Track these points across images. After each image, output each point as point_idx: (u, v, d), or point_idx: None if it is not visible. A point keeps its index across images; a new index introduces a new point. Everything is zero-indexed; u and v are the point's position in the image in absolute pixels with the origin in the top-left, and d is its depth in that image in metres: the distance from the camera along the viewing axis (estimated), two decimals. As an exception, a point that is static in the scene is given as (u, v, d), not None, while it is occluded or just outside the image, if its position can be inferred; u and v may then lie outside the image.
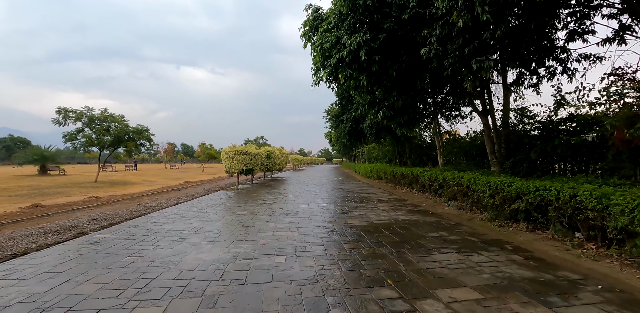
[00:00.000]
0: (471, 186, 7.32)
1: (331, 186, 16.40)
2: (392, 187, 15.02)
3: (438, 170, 10.06)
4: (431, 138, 14.36)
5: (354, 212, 8.43)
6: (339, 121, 17.75)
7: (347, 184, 17.37)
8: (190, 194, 13.90)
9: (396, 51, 7.59)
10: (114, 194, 14.69)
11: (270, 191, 14.33)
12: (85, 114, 18.96)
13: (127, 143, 20.55)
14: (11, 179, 20.70)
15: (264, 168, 18.97)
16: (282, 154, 22.61)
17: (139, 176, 28.19)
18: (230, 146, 15.19)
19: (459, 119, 12.55)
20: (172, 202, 11.23)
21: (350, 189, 14.51)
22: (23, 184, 17.96)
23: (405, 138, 15.66)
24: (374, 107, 9.00)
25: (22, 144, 76.55)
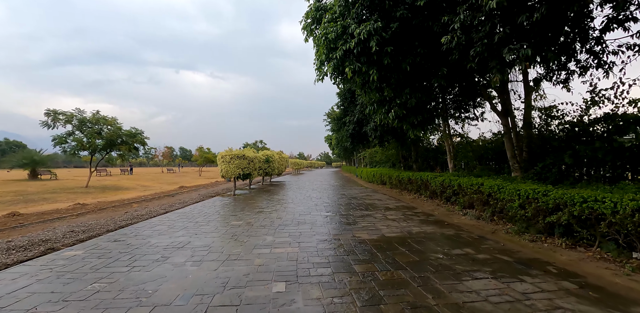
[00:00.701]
0: (494, 195, 6.51)
1: (333, 192, 15.57)
2: (398, 193, 14.20)
3: (451, 176, 9.26)
4: (440, 140, 13.60)
5: (360, 222, 7.61)
6: (340, 123, 16.98)
7: (349, 190, 16.55)
8: (183, 201, 13.06)
9: (410, 42, 6.78)
10: (103, 201, 13.84)
11: (269, 197, 13.50)
12: (75, 117, 18.15)
13: (120, 147, 19.72)
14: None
15: (263, 172, 18.14)
16: (282, 158, 21.81)
17: (134, 180, 27.32)
18: (227, 149, 14.38)
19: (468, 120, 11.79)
20: (162, 210, 10.40)
21: (353, 196, 13.68)
22: (8, 189, 17.09)
23: (412, 141, 14.88)
24: (384, 106, 8.18)
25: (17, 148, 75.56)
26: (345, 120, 15.35)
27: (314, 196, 13.60)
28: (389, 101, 8.10)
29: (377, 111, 8.42)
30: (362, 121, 14.55)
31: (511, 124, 7.88)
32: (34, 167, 23.74)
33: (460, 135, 11.03)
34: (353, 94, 15.47)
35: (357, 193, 14.73)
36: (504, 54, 4.81)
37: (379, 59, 6.71)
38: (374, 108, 8.48)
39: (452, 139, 11.28)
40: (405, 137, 15.97)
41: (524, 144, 7.61)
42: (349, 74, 6.65)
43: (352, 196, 13.64)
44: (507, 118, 7.86)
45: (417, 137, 15.30)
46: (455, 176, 9.19)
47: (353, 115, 14.72)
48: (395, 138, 15.26)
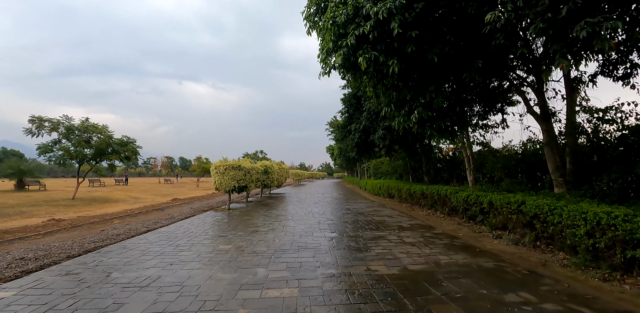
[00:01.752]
0: (542, 217, 5.25)
1: (337, 206, 14.27)
2: (409, 208, 12.88)
3: (477, 191, 8.00)
4: (456, 150, 12.38)
5: (373, 247, 6.31)
6: (345, 131, 15.78)
7: (354, 204, 15.24)
8: (172, 216, 11.78)
9: (437, 28, 5.62)
10: (84, 216, 12.56)
11: (267, 212, 12.20)
12: (62, 124, 17.03)
13: (110, 156, 18.53)
14: (-21, 195, 18.59)
15: (261, 184, 16.87)
16: (282, 169, 20.56)
17: (127, 192, 26.05)
18: (221, 159, 13.16)
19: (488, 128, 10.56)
20: (143, 228, 9.13)
21: (359, 211, 12.37)
22: (-13, 202, 15.85)
23: (422, 151, 13.65)
24: (404, 107, 6.93)
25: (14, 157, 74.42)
26: (350, 128, 14.16)
27: (317, 212, 12.30)
28: (409, 101, 6.88)
29: (395, 113, 7.16)
30: (368, 129, 13.36)
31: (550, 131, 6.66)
32: (21, 177, 22.54)
33: (483, 144, 9.81)
34: (359, 100, 14.35)
35: (363, 208, 13.42)
36: (575, 32, 3.65)
37: (401, 47, 5.53)
38: (390, 109, 7.20)
39: (472, 148, 10.04)
40: (414, 147, 14.77)
41: (569, 155, 6.37)
42: (363, 65, 5.45)
43: (358, 211, 12.33)
44: (548, 123, 6.64)
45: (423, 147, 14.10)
46: (481, 191, 7.92)
47: (359, 123, 13.53)
48: (404, 147, 14.04)
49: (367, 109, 12.60)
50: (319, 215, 11.43)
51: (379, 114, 12.48)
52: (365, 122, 12.77)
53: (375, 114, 12.31)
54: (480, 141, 9.60)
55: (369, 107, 12.18)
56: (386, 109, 7.21)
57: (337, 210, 12.74)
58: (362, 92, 13.38)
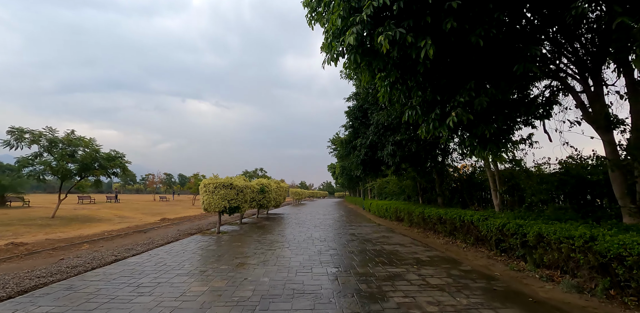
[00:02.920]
0: (630, 260, 3.80)
1: (340, 230, 12.73)
2: (422, 234, 11.35)
3: (513, 218, 6.56)
4: (477, 168, 10.99)
5: (391, 293, 4.83)
6: (349, 148, 14.44)
7: (359, 227, 13.69)
8: (152, 240, 10.30)
9: (480, 4, 4.41)
10: (52, 238, 11.07)
11: (261, 237, 10.69)
12: (44, 136, 15.84)
13: (95, 172, 17.19)
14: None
15: (256, 204, 15.39)
16: (280, 188, 19.12)
17: (116, 210, 24.51)
18: (211, 176, 11.80)
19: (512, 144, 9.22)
20: (111, 257, 7.68)
21: (366, 237, 10.84)
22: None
23: (436, 170, 12.26)
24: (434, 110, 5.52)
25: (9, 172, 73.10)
26: (355, 143, 12.82)
27: (317, 237, 10.78)
28: (440, 102, 5.52)
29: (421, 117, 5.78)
30: (376, 144, 12.03)
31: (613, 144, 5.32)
32: (2, 193, 21.13)
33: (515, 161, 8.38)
34: (365, 112, 13.12)
35: (369, 233, 11.88)
36: None
37: (435, 24, 4.24)
38: (416, 113, 5.78)
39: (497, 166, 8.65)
40: (425, 165, 13.40)
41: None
42: (385, 46, 4.10)
43: (364, 237, 10.81)
44: (610, 134, 5.33)
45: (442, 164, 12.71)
46: (519, 218, 6.48)
47: (365, 137, 12.23)
48: (415, 165, 12.68)
49: (374, 123, 11.34)
50: (320, 241, 9.92)
51: (388, 127, 11.22)
52: (373, 137, 11.48)
53: (384, 128, 11.05)
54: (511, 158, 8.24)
55: (377, 120, 10.93)
56: (410, 112, 5.83)
57: (341, 236, 11.22)
58: (369, 104, 12.18)
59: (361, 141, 12.14)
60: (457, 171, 12.56)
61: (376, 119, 10.81)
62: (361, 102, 12.88)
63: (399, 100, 6.43)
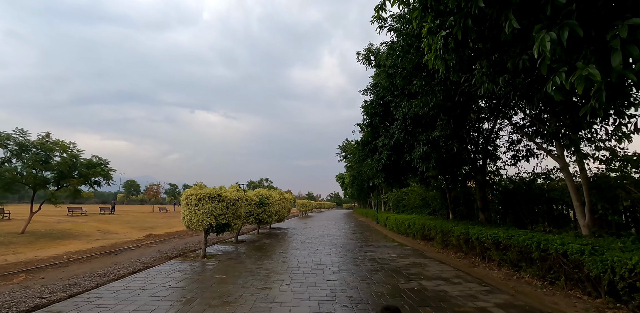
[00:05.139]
0: None
1: (356, 253, 10.19)
2: (464, 261, 8.78)
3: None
4: (544, 175, 8.39)
5: None
6: (366, 150, 11.85)
7: (379, 249, 11.12)
8: (113, 268, 7.92)
9: None
10: None
11: (255, 264, 8.22)
12: (13, 139, 13.72)
13: (71, 180, 14.95)
14: None
15: (254, 219, 12.91)
16: (284, 200, 16.64)
17: (105, 223, 22.23)
18: (195, 185, 9.44)
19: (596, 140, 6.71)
20: (36, 299, 5.30)
21: (392, 265, 8.31)
22: None
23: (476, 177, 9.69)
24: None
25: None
26: (376, 144, 10.27)
27: (328, 265, 8.28)
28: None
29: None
30: (402, 145, 9.52)
31: None
32: (-23, 204, 19.08)
33: (611, 158, 5.80)
34: (387, 106, 10.63)
35: (394, 258, 9.32)
36: None
37: None
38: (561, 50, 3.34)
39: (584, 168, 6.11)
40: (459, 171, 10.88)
41: None
42: None
43: (389, 265, 8.27)
44: None
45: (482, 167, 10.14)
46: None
47: (388, 137, 9.73)
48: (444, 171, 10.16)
49: (400, 117, 8.87)
50: (333, 272, 7.40)
51: (419, 122, 8.77)
52: (398, 135, 8.99)
53: (414, 123, 8.58)
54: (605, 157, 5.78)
55: (404, 113, 8.48)
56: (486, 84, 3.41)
57: (358, 262, 8.68)
58: (392, 95, 9.75)
59: (383, 141, 9.64)
60: (512, 180, 9.84)
61: (403, 112, 8.38)
62: (382, 93, 10.44)
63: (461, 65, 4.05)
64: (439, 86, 7.26)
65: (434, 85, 7.34)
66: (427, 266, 8.20)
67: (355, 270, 7.74)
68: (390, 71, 8.88)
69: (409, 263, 8.62)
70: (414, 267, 8.03)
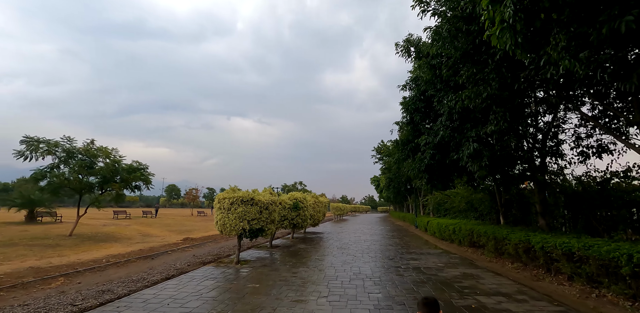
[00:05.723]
0: None
1: (397, 261, 9.40)
2: (524, 273, 7.74)
3: None
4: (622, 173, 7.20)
5: None
6: (407, 150, 10.97)
7: (421, 256, 10.24)
8: (148, 273, 7.77)
9: None
10: (38, 266, 8.98)
11: (289, 272, 7.72)
12: (61, 146, 14.38)
13: (113, 185, 15.42)
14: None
15: (289, 224, 12.49)
16: (318, 204, 16.13)
17: (145, 226, 22.95)
18: (228, 189, 9.15)
19: None
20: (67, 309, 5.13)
21: (440, 276, 7.47)
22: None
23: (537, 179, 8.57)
24: None
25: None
26: (419, 142, 9.40)
27: (368, 274, 7.60)
28: None
29: None
30: (447, 143, 8.63)
31: None
32: (32, 207, 20.32)
33: None
34: (429, 101, 9.74)
35: (441, 267, 8.44)
36: None
37: None
38: None
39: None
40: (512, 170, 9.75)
41: None
42: None
43: (437, 276, 7.43)
44: None
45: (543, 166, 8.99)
46: None
47: (432, 134, 8.86)
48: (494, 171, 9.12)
49: (446, 112, 8.03)
50: (374, 284, 6.71)
51: (467, 116, 7.88)
52: (443, 132, 8.14)
53: (461, 117, 7.69)
54: None
55: (450, 107, 7.64)
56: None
57: (401, 271, 7.91)
58: (435, 89, 8.89)
59: (426, 139, 8.78)
60: (581, 182, 8.56)
61: (449, 107, 7.55)
62: (423, 87, 9.59)
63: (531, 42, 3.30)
64: (493, 73, 6.38)
65: (487, 73, 6.47)
66: (481, 278, 7.27)
67: (399, 281, 7.00)
68: (433, 62, 8.09)
69: (459, 274, 7.72)
70: (466, 279, 7.14)
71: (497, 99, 6.60)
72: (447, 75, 7.58)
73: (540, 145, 8.45)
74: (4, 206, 21.10)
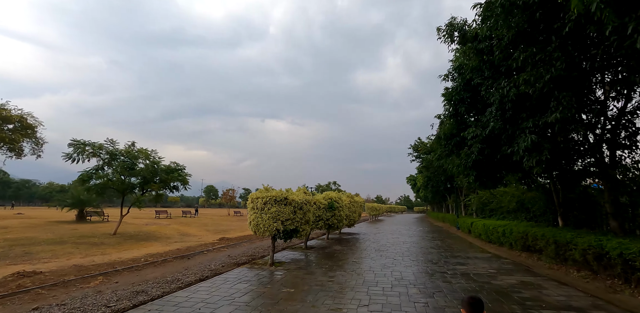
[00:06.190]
0: None
1: (442, 265, 8.64)
2: (595, 282, 6.76)
3: None
4: None
5: None
6: (450, 145, 10.00)
7: (469, 261, 9.38)
8: (183, 274, 7.64)
9: None
10: (81, 264, 9.21)
11: (326, 276, 7.25)
12: (105, 148, 14.95)
13: (152, 186, 15.83)
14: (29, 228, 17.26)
15: (324, 224, 12.05)
16: (354, 204, 15.55)
17: (184, 226, 23.56)
18: (261, 188, 8.86)
19: None
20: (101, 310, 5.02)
21: (494, 284, 6.68)
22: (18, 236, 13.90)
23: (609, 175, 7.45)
24: None
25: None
26: (465, 135, 8.47)
27: (412, 280, 6.96)
28: None
29: None
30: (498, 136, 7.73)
31: None
32: (82, 207, 21.51)
33: None
34: (475, 90, 8.82)
35: (493, 274, 7.60)
36: None
37: None
38: None
39: None
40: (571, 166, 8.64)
41: None
42: None
43: (491, 284, 6.64)
44: None
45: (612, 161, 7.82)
46: None
47: (480, 126, 7.95)
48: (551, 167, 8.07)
49: (496, 100, 7.17)
50: (419, 290, 6.08)
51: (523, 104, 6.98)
52: (494, 123, 7.27)
53: (515, 106, 6.77)
54: None
55: (501, 95, 6.78)
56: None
57: (447, 278, 7.17)
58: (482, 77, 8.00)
59: (474, 131, 7.88)
60: None
61: (501, 94, 6.70)
62: (469, 76, 8.70)
63: None
64: (558, 51, 5.47)
65: (549, 52, 5.57)
66: (543, 288, 6.39)
67: (448, 289, 6.30)
68: (481, 46, 7.25)
69: (516, 282, 6.86)
70: (526, 289, 6.29)
71: (562, 82, 5.69)
72: (498, 58, 6.70)
73: (610, 135, 7.31)
74: (59, 206, 22.47)
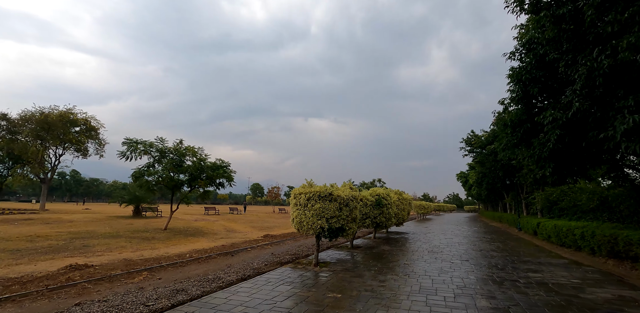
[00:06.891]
0: None
1: (510, 272, 7.50)
2: None
3: None
4: None
5: None
6: (519, 133, 8.45)
7: (542, 267, 8.08)
8: (224, 272, 7.35)
9: None
10: (131, 258, 9.34)
11: (375, 281, 6.52)
12: (155, 146, 15.43)
13: (199, 182, 16.08)
14: (91, 222, 18.46)
15: (371, 222, 11.26)
16: (403, 201, 14.56)
17: (231, 222, 23.99)
18: (304, 184, 8.32)
19: None
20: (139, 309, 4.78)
21: (583, 299, 5.52)
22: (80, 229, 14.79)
23: None
24: None
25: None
26: (540, 120, 7.05)
27: (477, 290, 5.99)
28: None
29: None
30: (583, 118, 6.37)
31: None
32: (138, 203, 22.74)
33: None
34: (551, 67, 7.43)
35: (576, 284, 6.36)
36: None
37: None
38: None
39: None
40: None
41: None
42: None
43: (578, 297, 5.49)
44: None
45: None
46: None
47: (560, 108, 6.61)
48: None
49: (583, 75, 5.83)
50: (490, 304, 5.13)
51: (620, 78, 5.67)
52: (580, 103, 5.96)
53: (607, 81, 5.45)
54: None
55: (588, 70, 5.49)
56: None
57: (522, 288, 6.08)
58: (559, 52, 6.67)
59: (553, 115, 6.50)
60: None
61: (588, 68, 5.43)
62: (542, 51, 7.35)
63: None
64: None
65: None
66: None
67: (526, 303, 5.26)
68: (560, 11, 5.99)
69: (612, 297, 5.61)
70: (628, 307, 5.06)
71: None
72: (592, 17, 5.38)
73: None
74: (119, 202, 23.97)
